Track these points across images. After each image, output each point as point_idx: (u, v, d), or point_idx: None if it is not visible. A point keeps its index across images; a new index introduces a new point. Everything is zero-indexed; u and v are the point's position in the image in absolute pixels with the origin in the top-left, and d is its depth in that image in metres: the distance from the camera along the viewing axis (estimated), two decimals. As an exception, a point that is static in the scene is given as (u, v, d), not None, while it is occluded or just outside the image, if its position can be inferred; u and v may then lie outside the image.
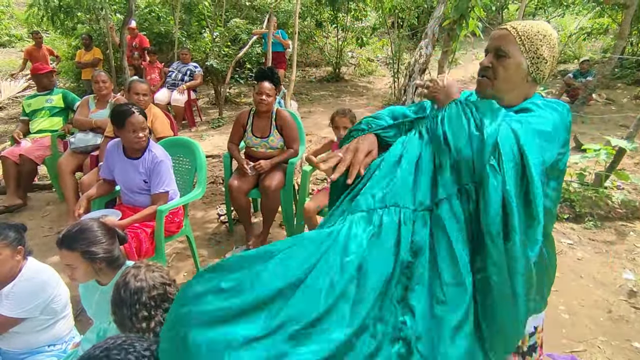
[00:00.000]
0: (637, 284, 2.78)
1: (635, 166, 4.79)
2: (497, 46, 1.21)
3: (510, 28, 1.20)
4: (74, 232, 1.61)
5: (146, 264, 1.51)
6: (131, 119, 2.26)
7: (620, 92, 8.48)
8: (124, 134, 2.31)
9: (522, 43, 1.18)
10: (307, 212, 2.67)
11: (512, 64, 1.19)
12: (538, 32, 1.18)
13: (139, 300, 1.37)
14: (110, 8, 7.71)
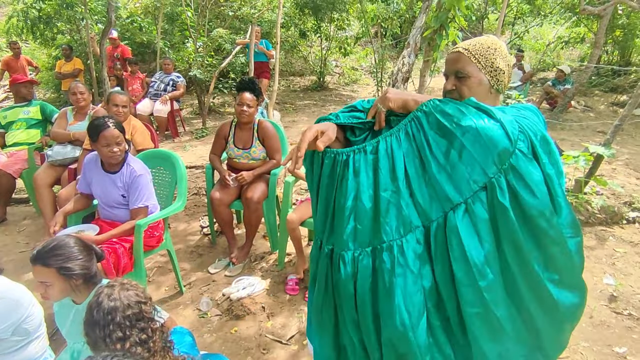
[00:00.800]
0: (617, 289, 2.82)
1: (613, 172, 4.89)
2: (455, 69, 1.24)
3: (462, 50, 1.24)
4: (50, 247, 1.56)
5: (120, 282, 1.47)
6: (105, 132, 2.21)
7: (598, 99, 8.69)
8: (98, 147, 2.26)
9: (478, 61, 1.22)
10: (290, 224, 2.65)
11: (474, 82, 1.22)
12: (489, 47, 1.23)
13: (113, 320, 1.32)
14: (92, 18, 7.63)
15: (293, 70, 11.10)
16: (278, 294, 2.71)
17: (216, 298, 2.66)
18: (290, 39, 9.55)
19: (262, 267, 3.01)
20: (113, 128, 2.23)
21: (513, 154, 1.03)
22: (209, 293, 2.73)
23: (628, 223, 3.78)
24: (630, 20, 8.03)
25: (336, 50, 9.85)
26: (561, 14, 10.04)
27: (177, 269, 2.67)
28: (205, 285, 2.81)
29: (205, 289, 2.77)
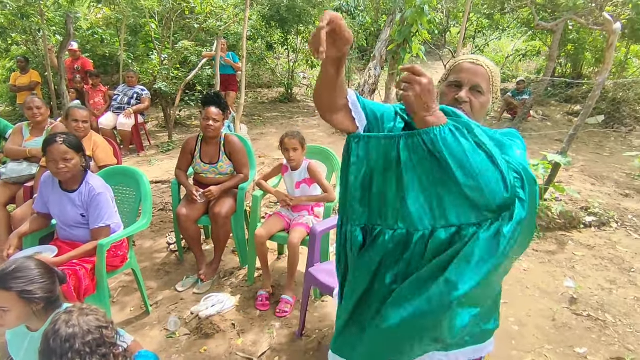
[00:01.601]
0: (576, 291, 2.93)
1: (570, 178, 5.13)
2: (475, 83, 1.23)
3: (485, 67, 1.24)
4: (10, 270, 1.48)
5: (79, 307, 1.40)
6: (51, 147, 2.13)
7: (554, 108, 9.14)
8: (47, 163, 2.18)
9: (492, 83, 1.25)
10: (258, 239, 2.62)
11: (485, 102, 1.24)
12: (498, 73, 1.26)
13: (71, 348, 1.26)
14: (49, 29, 7.37)
15: (261, 82, 11.10)
16: (248, 310, 2.66)
17: (184, 317, 2.59)
18: (257, 51, 9.56)
19: (232, 283, 2.95)
20: (60, 143, 2.13)
21: (512, 204, 1.06)
22: (176, 312, 2.64)
23: (585, 227, 3.97)
24: (580, 35, 8.53)
25: (303, 62, 9.92)
26: (518, 29, 10.54)
27: (142, 289, 2.58)
28: (172, 304, 2.72)
29: (173, 308, 2.69)
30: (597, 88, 3.82)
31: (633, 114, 8.14)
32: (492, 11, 9.06)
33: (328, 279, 2.16)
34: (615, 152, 6.71)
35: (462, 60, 1.27)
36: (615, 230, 3.93)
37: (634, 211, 4.30)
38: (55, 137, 2.15)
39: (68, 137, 2.20)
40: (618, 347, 2.41)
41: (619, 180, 5.22)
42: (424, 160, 1.05)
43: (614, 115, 7.93)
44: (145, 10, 7.00)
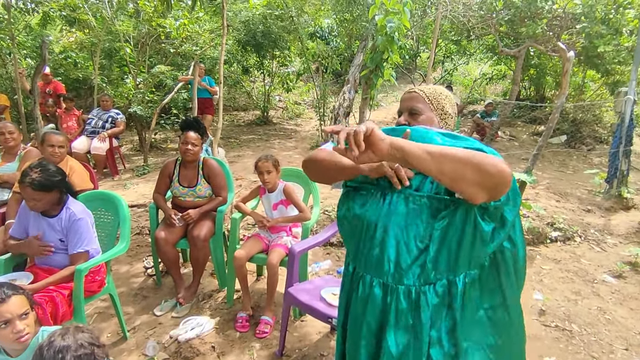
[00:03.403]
0: (544, 303, 3.07)
1: (537, 195, 5.37)
2: (409, 106, 1.37)
3: (418, 91, 1.39)
4: None
5: (75, 325, 1.44)
6: (22, 186, 2.13)
7: (520, 129, 9.56)
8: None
9: (430, 102, 1.37)
10: (237, 261, 2.65)
11: (426, 119, 1.36)
12: (440, 93, 1.40)
13: (63, 359, 1.28)
14: (20, 53, 7.30)
15: (237, 105, 11.18)
16: (228, 332, 2.66)
17: (163, 341, 2.57)
18: (233, 75, 9.68)
19: (211, 306, 2.95)
20: (26, 185, 2.11)
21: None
22: (155, 337, 2.62)
23: (551, 242, 4.16)
24: (541, 60, 9.03)
25: (279, 85, 10.09)
26: (484, 54, 11.07)
27: (120, 314, 2.55)
28: (151, 329, 2.70)
29: (151, 333, 2.66)
30: (556, 110, 4.08)
31: (592, 134, 8.62)
32: (459, 37, 9.52)
33: (307, 298, 2.21)
34: (577, 170, 7.07)
35: (403, 94, 1.44)
36: (579, 244, 4.14)
37: (595, 225, 4.54)
38: (26, 176, 2.12)
39: (39, 176, 2.13)
40: (584, 355, 2.54)
41: (582, 197, 5.50)
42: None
43: (575, 135, 8.37)
44: (120, 35, 7.04)
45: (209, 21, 8.15)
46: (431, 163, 0.99)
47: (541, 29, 6.60)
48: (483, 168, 0.98)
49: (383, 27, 3.92)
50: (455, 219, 1.15)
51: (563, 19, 6.76)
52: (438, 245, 1.16)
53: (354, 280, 1.32)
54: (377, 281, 1.24)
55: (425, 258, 1.17)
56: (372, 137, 1.00)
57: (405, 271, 1.19)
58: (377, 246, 1.23)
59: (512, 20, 7.34)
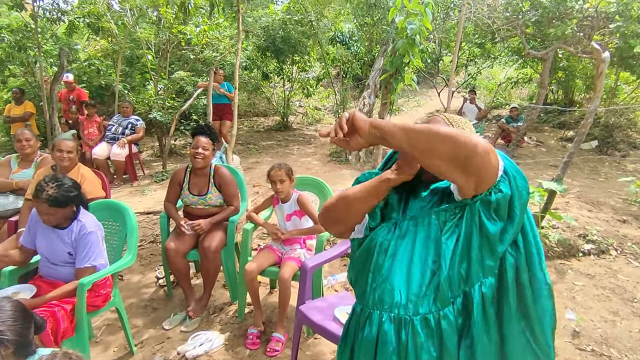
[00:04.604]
0: (578, 324, 2.83)
1: (567, 205, 5.08)
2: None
3: (439, 115, 1.34)
4: None
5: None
6: (36, 201, 2.07)
7: (548, 134, 9.20)
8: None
9: (450, 124, 1.30)
10: (248, 274, 2.53)
11: None
12: (461, 120, 1.34)
13: None
14: (46, 61, 7.45)
15: (257, 111, 11.17)
16: (238, 348, 2.55)
17: (170, 357, 2.47)
18: (253, 80, 9.67)
19: (221, 320, 2.84)
20: (42, 201, 2.04)
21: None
22: (162, 352, 2.53)
23: (584, 255, 3.89)
24: (569, 63, 8.67)
25: (299, 91, 10.03)
26: (509, 57, 10.73)
27: (127, 328, 2.47)
28: (158, 344, 2.60)
29: (159, 348, 2.57)
30: (590, 115, 3.83)
31: (626, 139, 8.19)
32: (483, 40, 9.23)
33: (319, 318, 2.07)
34: (610, 177, 6.71)
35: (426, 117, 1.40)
36: (615, 258, 3.86)
37: (632, 238, 4.23)
38: (42, 191, 2.05)
39: (55, 192, 2.06)
40: (625, 385, 2.31)
41: (616, 206, 5.18)
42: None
43: (607, 141, 7.98)
44: (142, 42, 7.10)
45: (229, 27, 8.17)
46: (404, 138, 1.04)
47: (571, 29, 6.29)
48: (453, 138, 1.01)
49: (404, 30, 3.76)
50: (461, 226, 1.11)
51: (595, 18, 6.44)
52: (449, 260, 1.11)
53: (360, 321, 1.19)
54: (388, 316, 1.12)
55: (438, 279, 1.11)
56: (354, 120, 1.09)
57: (420, 298, 1.11)
58: (385, 276, 1.15)
59: (539, 22, 7.04)
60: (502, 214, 1.10)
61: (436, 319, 1.10)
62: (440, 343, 1.10)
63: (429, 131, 1.02)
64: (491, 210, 1.09)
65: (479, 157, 1.01)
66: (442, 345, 1.09)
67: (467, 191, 1.09)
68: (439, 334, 1.10)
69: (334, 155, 7.39)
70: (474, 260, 1.10)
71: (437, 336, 1.10)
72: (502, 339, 1.14)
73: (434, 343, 1.10)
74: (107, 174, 6.09)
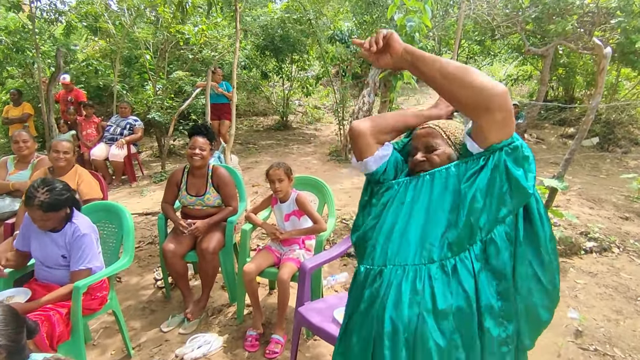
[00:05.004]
0: (581, 323, 2.80)
1: (568, 202, 5.05)
2: (426, 142, 1.32)
3: (433, 126, 1.33)
4: None
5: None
6: (29, 208, 2.02)
7: (548, 131, 9.16)
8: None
9: (447, 137, 1.31)
10: (246, 275, 2.50)
11: (443, 154, 1.29)
12: (456, 127, 1.34)
13: None
14: (44, 62, 7.43)
15: (256, 110, 11.14)
16: (236, 351, 2.52)
17: (168, 360, 2.44)
18: (252, 79, 9.63)
19: (220, 322, 2.81)
20: (36, 208, 1.99)
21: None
22: (160, 355, 2.50)
23: (586, 253, 3.86)
24: (570, 59, 8.63)
25: (298, 90, 9.99)
26: (509, 54, 10.68)
27: (124, 331, 2.44)
28: (156, 347, 2.58)
29: (157, 351, 2.54)
30: (591, 112, 3.78)
31: (627, 136, 8.16)
32: (482, 37, 9.20)
33: (318, 319, 2.04)
34: (611, 174, 6.67)
35: (416, 129, 1.40)
36: (618, 256, 3.83)
37: (635, 235, 4.20)
38: (33, 198, 1.99)
39: (47, 197, 2.01)
40: (629, 385, 2.28)
41: (618, 203, 5.14)
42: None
43: (608, 137, 7.94)
44: (140, 42, 7.07)
45: (227, 26, 8.13)
46: (434, 68, 1.10)
47: (571, 25, 6.25)
48: (478, 76, 1.07)
49: (403, 27, 3.72)
50: (484, 173, 1.14)
51: (595, 14, 6.40)
52: (468, 208, 1.13)
53: (367, 280, 1.22)
54: (402, 268, 1.16)
55: (457, 227, 1.14)
56: (390, 40, 1.15)
57: (436, 247, 1.15)
58: (402, 230, 1.20)
59: (539, 18, 7.00)
60: (522, 163, 1.14)
61: (452, 265, 1.12)
62: (458, 288, 1.11)
63: (461, 72, 1.08)
64: (515, 157, 1.12)
65: (498, 99, 1.06)
66: (459, 289, 1.11)
67: (489, 134, 1.12)
68: (456, 278, 1.12)
69: (333, 154, 7.35)
70: (494, 208, 1.13)
71: (456, 281, 1.12)
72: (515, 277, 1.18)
73: (450, 288, 1.11)
74: (106, 175, 6.06)
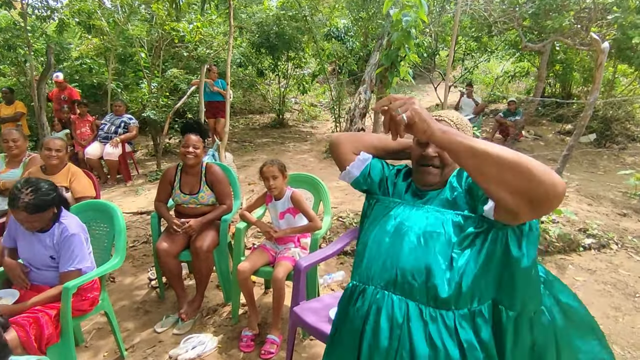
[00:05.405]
0: (581, 320, 2.77)
1: (566, 199, 5.01)
2: None
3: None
4: None
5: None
6: (14, 211, 1.95)
7: (546, 128, 9.14)
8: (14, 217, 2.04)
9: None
10: (240, 274, 2.45)
11: None
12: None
13: None
14: (37, 60, 7.35)
15: (252, 108, 11.07)
16: (231, 351, 2.47)
17: (162, 362, 2.40)
18: (248, 77, 9.56)
19: (215, 322, 2.77)
20: (21, 210, 1.92)
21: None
22: (154, 356, 2.45)
23: (584, 250, 3.83)
24: (567, 55, 8.60)
25: (294, 87, 9.93)
26: (506, 50, 10.64)
27: (116, 332, 2.39)
28: (150, 347, 2.53)
29: (150, 352, 2.49)
30: (589, 107, 3.76)
31: (624, 132, 8.14)
32: (479, 34, 9.15)
33: (314, 319, 2.00)
34: (609, 170, 6.66)
35: None
36: (616, 253, 3.80)
37: (633, 231, 4.18)
38: (17, 200, 1.92)
39: (31, 198, 1.95)
40: (629, 383, 2.25)
41: (615, 199, 5.12)
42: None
43: (606, 134, 7.92)
44: (134, 39, 6.99)
45: (222, 24, 8.06)
46: (469, 158, 0.94)
47: (568, 21, 6.22)
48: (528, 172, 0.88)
49: (399, 22, 3.69)
50: (482, 241, 1.07)
51: (592, 10, 6.37)
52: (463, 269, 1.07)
53: (352, 296, 1.22)
54: (383, 293, 1.14)
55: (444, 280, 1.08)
56: (415, 125, 0.98)
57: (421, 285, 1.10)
58: (387, 253, 1.17)
59: (536, 14, 6.96)
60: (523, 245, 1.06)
61: (432, 316, 1.07)
62: (433, 342, 1.05)
63: (500, 157, 0.90)
64: (518, 238, 1.05)
65: (556, 200, 0.89)
66: (435, 344, 1.05)
67: (521, 218, 0.98)
68: (436, 330, 1.06)
69: (329, 152, 7.30)
70: (489, 280, 1.07)
71: (435, 333, 1.06)
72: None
73: (426, 338, 1.06)
74: (101, 173, 6.00)
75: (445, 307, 1.06)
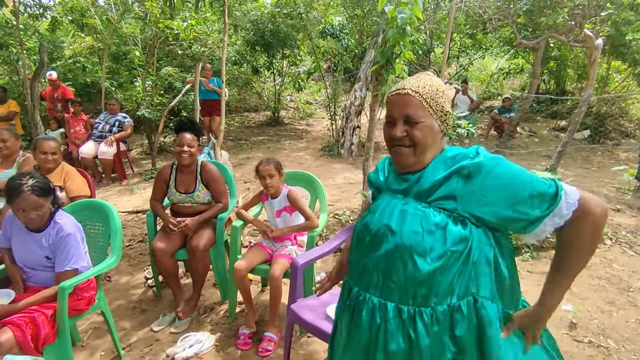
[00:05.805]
0: (575, 315, 2.80)
1: (561, 195, 5.04)
2: (405, 113, 1.15)
3: (412, 92, 1.15)
4: None
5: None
6: (19, 198, 1.93)
7: (540, 124, 9.19)
8: (14, 212, 2.01)
9: (429, 105, 1.15)
10: (237, 272, 2.45)
11: (426, 127, 1.14)
12: (437, 90, 1.17)
13: None
14: (29, 59, 7.28)
15: (247, 106, 11.04)
16: (229, 349, 2.48)
17: (159, 360, 2.40)
18: (243, 75, 9.52)
19: (212, 320, 2.77)
20: (29, 193, 1.93)
21: None
22: (151, 355, 2.45)
23: (579, 245, 3.85)
24: (561, 52, 8.64)
25: (290, 85, 9.91)
26: (500, 47, 10.67)
27: (113, 332, 2.39)
28: (147, 346, 2.53)
29: (147, 351, 2.49)
30: (583, 104, 3.78)
31: (618, 128, 8.20)
32: (474, 31, 9.17)
33: (311, 317, 2.00)
34: (602, 166, 6.70)
35: (390, 93, 1.22)
36: (610, 248, 3.83)
37: (627, 227, 4.21)
38: (21, 186, 1.93)
39: (35, 182, 1.97)
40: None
41: (609, 195, 5.16)
42: None
43: (599, 130, 7.97)
44: (128, 38, 6.94)
45: (217, 22, 8.02)
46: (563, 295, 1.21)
47: (562, 18, 6.24)
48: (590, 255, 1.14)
49: (394, 19, 3.66)
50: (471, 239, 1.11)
51: (586, 6, 6.39)
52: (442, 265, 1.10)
53: (343, 296, 1.30)
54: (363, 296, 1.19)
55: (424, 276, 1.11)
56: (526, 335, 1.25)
57: (398, 286, 1.14)
58: (364, 252, 1.21)
59: (530, 11, 6.99)
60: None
61: (411, 314, 1.10)
62: (410, 339, 1.10)
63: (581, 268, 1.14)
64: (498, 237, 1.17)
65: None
66: (411, 341, 1.10)
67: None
68: (413, 328, 1.10)
69: (325, 149, 7.31)
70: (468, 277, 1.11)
71: (412, 330, 1.10)
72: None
73: (404, 336, 1.10)
74: (96, 173, 5.97)
75: (424, 304, 1.10)
